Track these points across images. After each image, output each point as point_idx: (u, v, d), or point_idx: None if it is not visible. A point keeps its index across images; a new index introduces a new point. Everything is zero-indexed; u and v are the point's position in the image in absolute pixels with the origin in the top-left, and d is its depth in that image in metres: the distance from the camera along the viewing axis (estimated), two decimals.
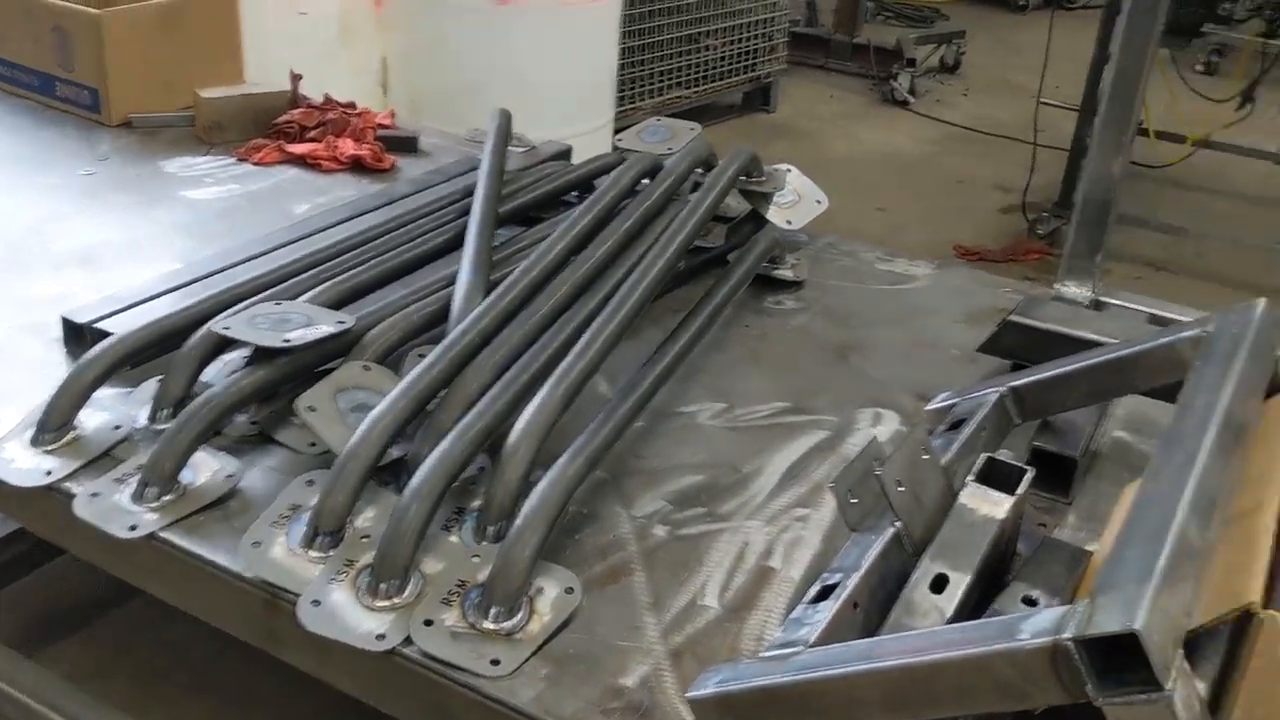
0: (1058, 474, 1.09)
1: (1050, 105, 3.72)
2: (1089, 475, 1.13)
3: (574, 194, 1.64)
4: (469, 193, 1.48)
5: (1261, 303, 1.00)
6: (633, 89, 4.13)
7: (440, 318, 1.19)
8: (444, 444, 0.98)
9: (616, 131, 3.14)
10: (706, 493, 1.06)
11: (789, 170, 1.66)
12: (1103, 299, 1.45)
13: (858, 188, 4.11)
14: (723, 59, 4.57)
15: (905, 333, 1.42)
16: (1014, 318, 1.23)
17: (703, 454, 1.12)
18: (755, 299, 1.48)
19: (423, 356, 1.10)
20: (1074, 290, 1.46)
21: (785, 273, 1.53)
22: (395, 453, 1.04)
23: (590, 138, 2.58)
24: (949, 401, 1.15)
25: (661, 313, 1.37)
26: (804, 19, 5.69)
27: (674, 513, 1.03)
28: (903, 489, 0.87)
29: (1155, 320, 1.39)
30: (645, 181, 1.53)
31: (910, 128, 4.95)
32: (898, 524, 0.87)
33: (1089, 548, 1.01)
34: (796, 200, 1.64)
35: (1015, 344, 1.23)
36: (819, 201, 1.67)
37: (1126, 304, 1.44)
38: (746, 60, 4.70)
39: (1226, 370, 0.90)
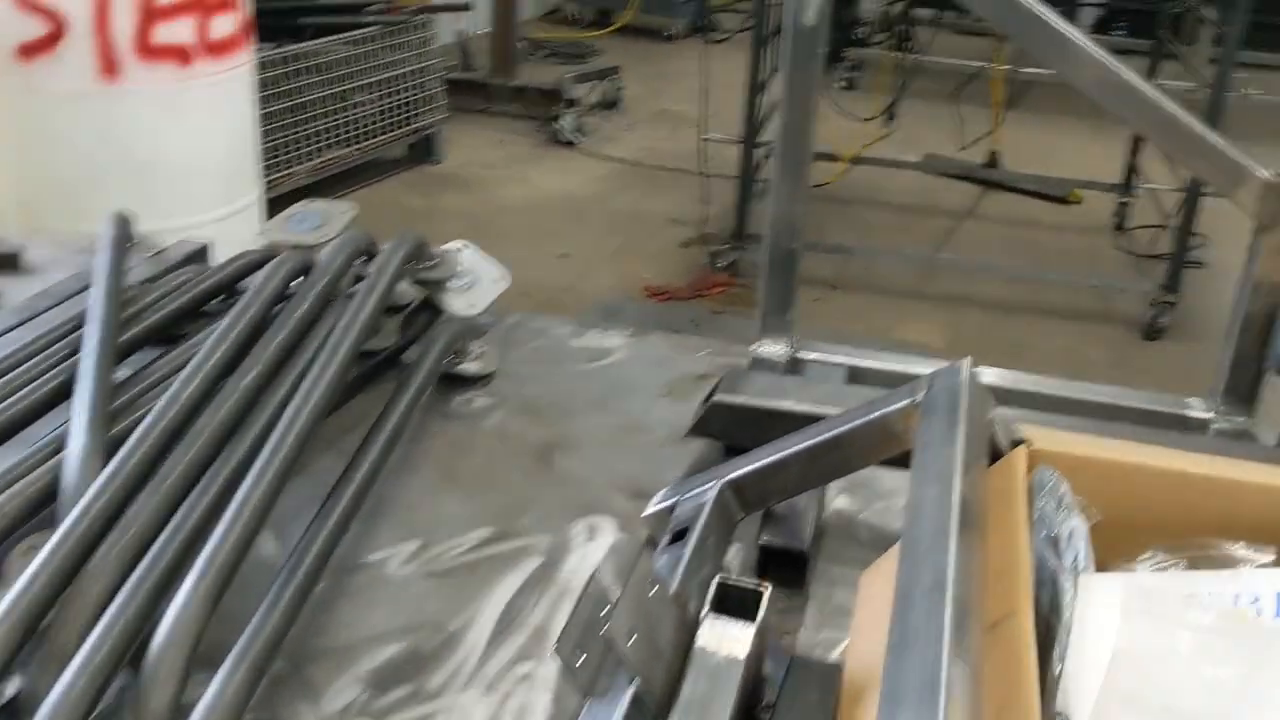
0: (788, 567, 1.03)
1: (714, 141, 3.81)
2: (819, 559, 1.08)
3: (221, 298, 1.45)
4: (84, 321, 1.25)
5: (966, 364, 0.98)
6: (283, 155, 3.88)
7: (51, 495, 0.97)
8: (67, 675, 0.79)
9: (271, 202, 2.91)
10: (410, 665, 0.92)
11: (463, 248, 1.54)
12: (800, 355, 1.42)
13: (538, 234, 4.07)
14: (379, 114, 4.40)
15: (610, 418, 1.33)
16: (719, 397, 1.16)
17: (400, 615, 0.97)
18: (442, 401, 1.34)
19: (36, 549, 0.89)
20: (771, 349, 1.43)
21: (472, 366, 1.40)
22: (8, 691, 0.82)
23: (237, 219, 2.36)
24: (666, 502, 1.06)
25: (336, 434, 1.21)
26: (459, 64, 5.61)
27: (373, 699, 0.88)
28: (635, 638, 0.76)
29: (854, 374, 1.37)
30: (299, 280, 1.36)
31: (581, 167, 4.98)
32: (635, 682, 0.76)
33: (836, 653, 0.95)
34: (475, 281, 1.52)
35: (723, 425, 1.17)
36: (499, 279, 1.55)
37: (825, 357, 1.42)
38: (404, 113, 4.56)
39: (950, 451, 0.86)
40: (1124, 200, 4.65)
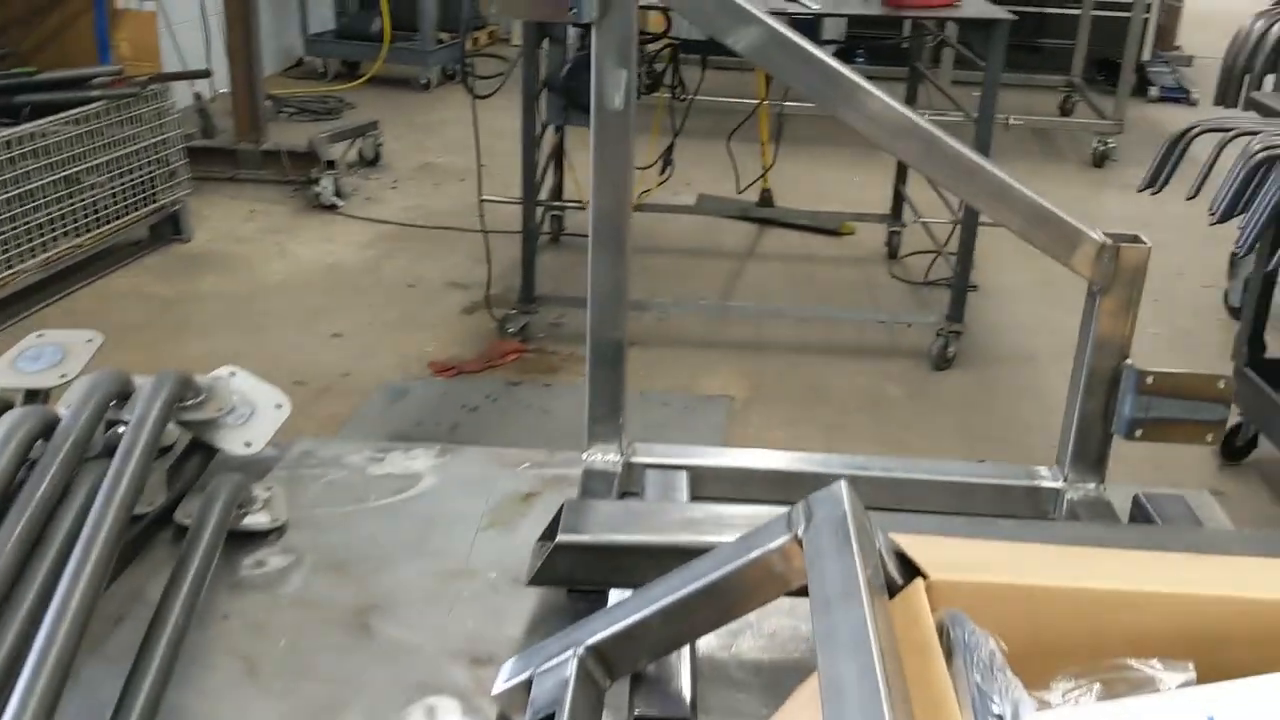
0: None
1: (493, 201, 3.68)
2: (700, 715, 0.96)
3: None
4: None
5: (842, 488, 0.89)
6: (9, 251, 3.49)
7: None
8: None
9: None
10: None
11: (232, 374, 1.36)
12: (635, 460, 1.31)
13: (305, 313, 3.82)
14: (115, 194, 4.04)
15: (430, 563, 1.18)
16: (563, 538, 1.03)
17: None
18: (229, 568, 1.15)
19: None
20: (603, 458, 1.31)
21: (260, 518, 1.22)
22: None
23: None
24: (519, 677, 0.92)
25: (106, 627, 1.01)
26: (200, 131, 5.27)
27: None
28: None
29: (695, 477, 1.27)
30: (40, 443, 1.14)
31: (346, 233, 4.74)
32: None
33: None
34: (250, 413, 1.33)
35: (570, 569, 1.04)
36: (279, 406, 1.37)
37: (663, 461, 1.31)
38: (144, 190, 4.21)
39: (853, 592, 0.76)
40: (894, 230, 4.81)
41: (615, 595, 1.09)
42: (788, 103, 4.75)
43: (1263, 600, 0.87)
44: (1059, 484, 1.32)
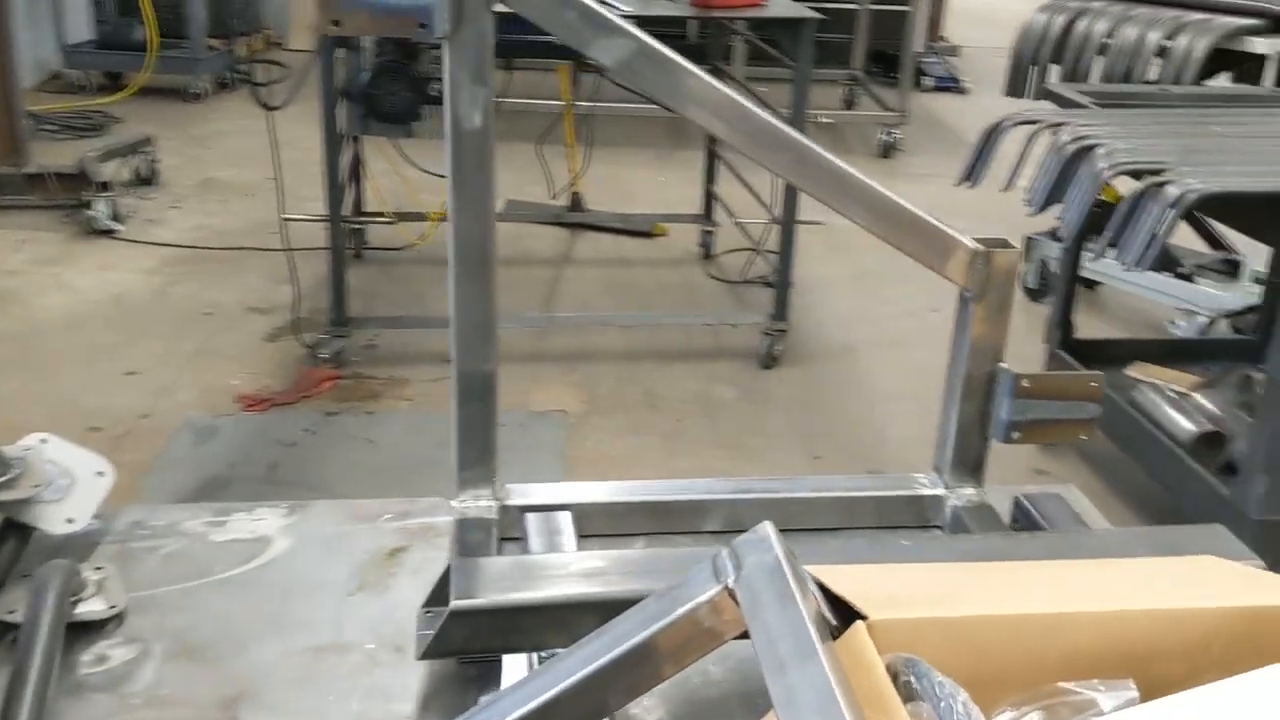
0: None
1: (297, 220, 3.50)
2: None
3: None
4: None
5: (770, 530, 0.85)
6: None
7: None
8: None
9: None
10: None
11: (44, 442, 1.21)
12: (510, 502, 1.23)
13: (93, 351, 3.54)
14: None
15: (296, 640, 1.08)
16: (458, 604, 0.95)
17: None
18: (66, 668, 1.02)
19: None
20: (476, 504, 1.23)
21: (94, 606, 1.09)
22: None
23: None
24: None
25: None
26: None
27: None
28: None
29: (579, 516, 1.21)
30: None
31: (128, 259, 4.43)
32: None
33: None
34: (69, 484, 1.19)
35: (467, 638, 0.97)
36: (101, 473, 1.23)
37: (535, 501, 1.24)
38: None
39: (802, 639, 0.73)
40: (707, 230, 4.85)
41: (510, 658, 1.02)
42: (587, 103, 4.72)
43: (1186, 609, 0.87)
44: (941, 491, 1.32)
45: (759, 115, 1.08)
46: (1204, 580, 0.96)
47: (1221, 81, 3.96)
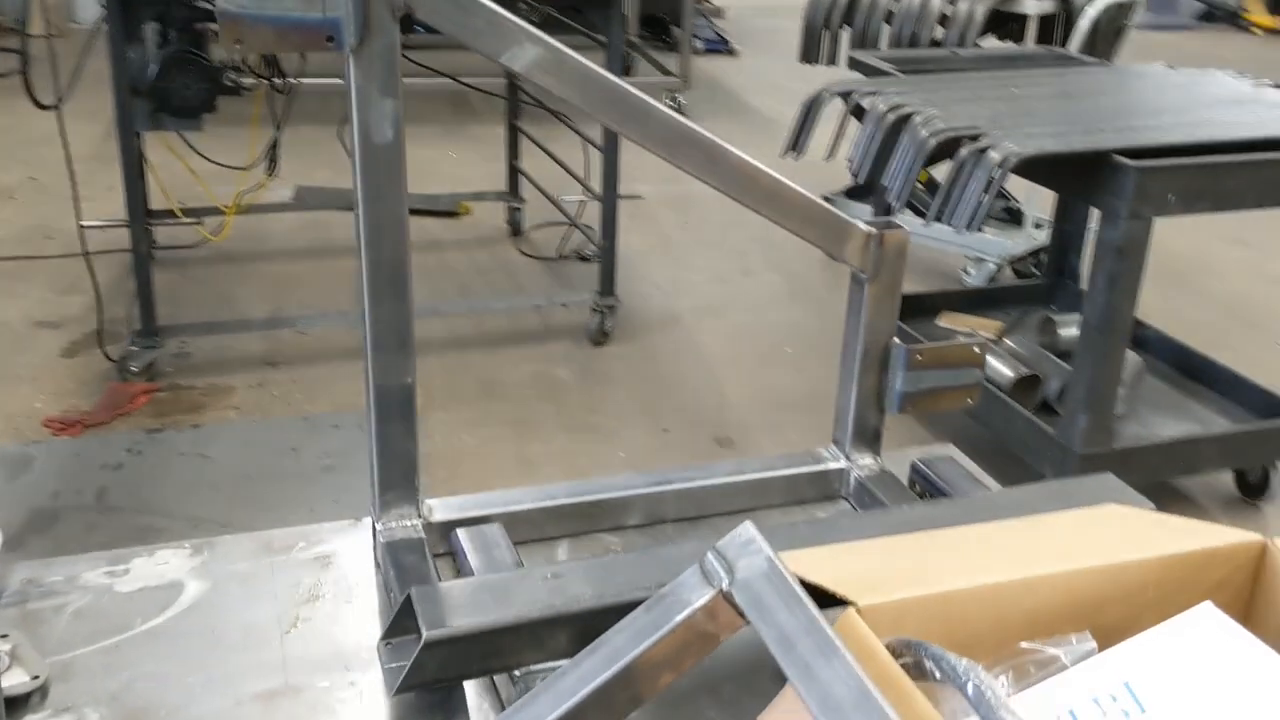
0: None
1: (98, 226, 3.27)
2: None
3: None
4: None
5: (752, 530, 0.87)
6: None
7: None
8: None
9: None
10: None
11: None
12: (437, 519, 1.21)
13: None
14: None
15: (243, 686, 1.04)
16: (430, 633, 0.94)
17: None
18: None
19: None
20: (402, 525, 1.20)
21: (16, 678, 1.01)
22: None
23: None
24: None
25: None
26: None
27: None
28: None
29: (511, 522, 1.21)
30: None
31: None
32: None
33: None
34: None
35: (442, 667, 0.95)
36: None
37: (461, 515, 1.23)
38: None
39: (826, 648, 0.76)
40: (515, 206, 4.83)
41: (473, 683, 1.01)
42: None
43: (1126, 562, 0.95)
44: (843, 463, 1.38)
45: (669, 117, 1.10)
46: (1127, 531, 1.05)
47: (991, 41, 4.23)
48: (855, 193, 4.55)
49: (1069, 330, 3.09)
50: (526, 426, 3.07)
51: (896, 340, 1.33)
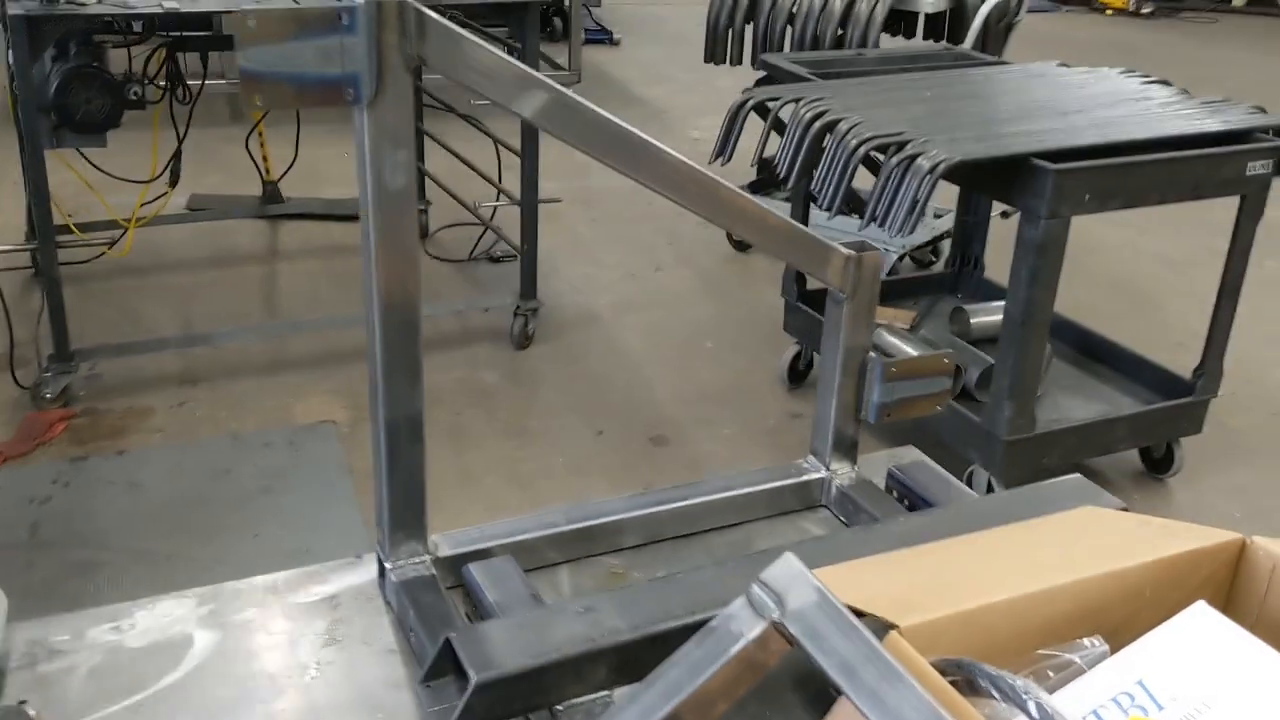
0: None
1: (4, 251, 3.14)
2: None
3: None
4: None
5: (794, 560, 0.91)
6: None
7: None
8: None
9: None
10: None
11: None
12: (450, 553, 1.22)
13: None
14: None
15: None
16: (481, 676, 0.95)
17: None
18: None
19: None
20: (409, 564, 1.21)
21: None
22: None
23: None
24: None
25: None
26: None
27: None
28: None
29: (520, 551, 1.23)
30: None
31: None
32: None
33: None
34: None
35: (491, 708, 0.97)
36: None
37: (469, 549, 1.24)
38: None
39: (891, 675, 0.80)
40: (421, 208, 4.77)
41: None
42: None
43: (1125, 567, 1.02)
44: (823, 473, 1.43)
45: (677, 160, 1.13)
46: (1119, 536, 1.12)
47: (885, 39, 4.34)
48: (755, 187, 4.63)
49: (979, 319, 3.21)
50: (461, 436, 3.06)
51: (873, 354, 1.38)
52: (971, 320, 3.21)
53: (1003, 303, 2.91)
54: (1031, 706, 0.79)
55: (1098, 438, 2.74)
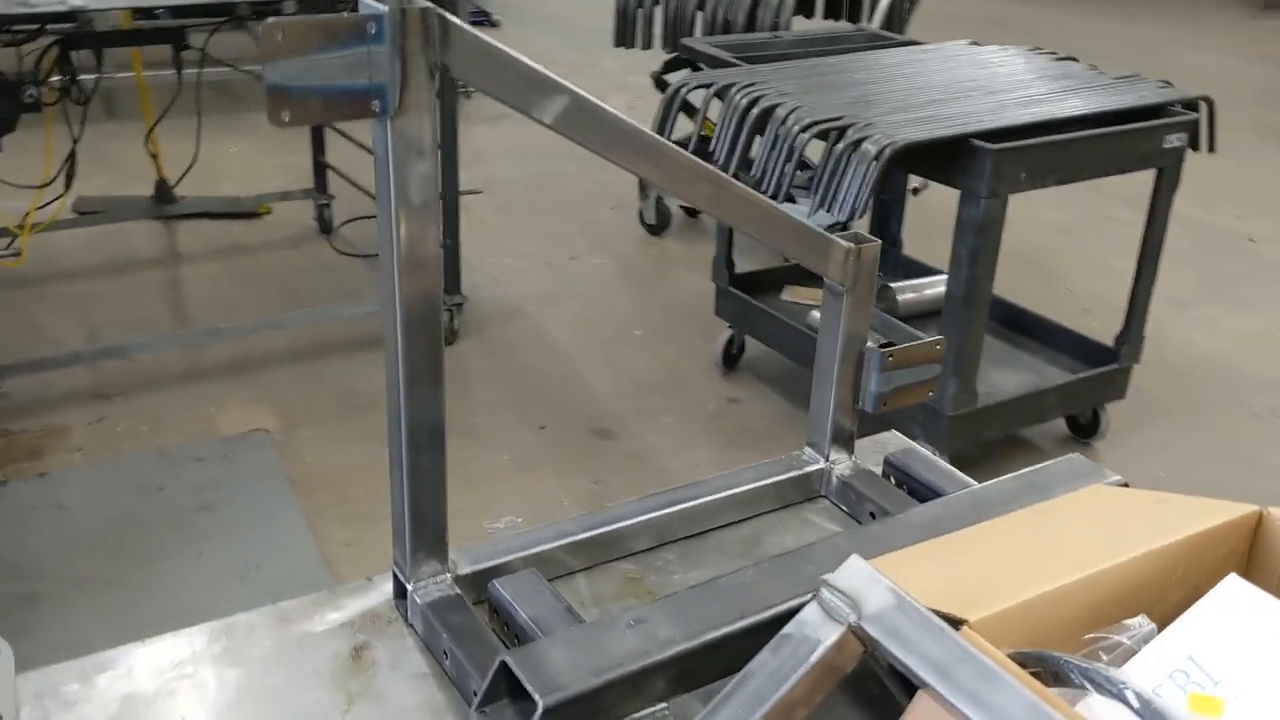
0: None
1: None
2: None
3: None
4: None
5: (861, 563, 0.92)
6: None
7: None
8: None
9: None
10: None
11: None
12: (469, 570, 1.20)
13: None
14: None
15: None
16: (548, 699, 0.93)
17: None
18: None
19: None
20: (432, 584, 1.18)
21: None
22: None
23: None
24: None
25: None
26: None
27: None
28: None
29: (541, 562, 1.21)
30: None
31: None
32: None
33: None
34: None
35: None
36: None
37: (491, 564, 1.21)
38: None
39: (990, 675, 0.82)
40: (323, 203, 4.66)
41: None
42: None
43: (1156, 549, 1.05)
44: (822, 464, 1.44)
45: (694, 161, 1.12)
46: (1143, 516, 1.15)
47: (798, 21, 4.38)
48: None
49: (906, 296, 3.27)
50: None
51: (871, 345, 1.40)
52: (898, 297, 3.27)
53: (928, 279, 2.98)
54: (1130, 696, 0.80)
55: (1032, 408, 2.83)
